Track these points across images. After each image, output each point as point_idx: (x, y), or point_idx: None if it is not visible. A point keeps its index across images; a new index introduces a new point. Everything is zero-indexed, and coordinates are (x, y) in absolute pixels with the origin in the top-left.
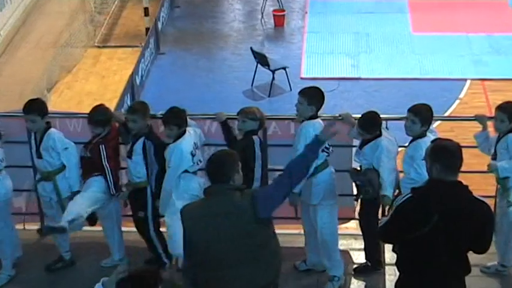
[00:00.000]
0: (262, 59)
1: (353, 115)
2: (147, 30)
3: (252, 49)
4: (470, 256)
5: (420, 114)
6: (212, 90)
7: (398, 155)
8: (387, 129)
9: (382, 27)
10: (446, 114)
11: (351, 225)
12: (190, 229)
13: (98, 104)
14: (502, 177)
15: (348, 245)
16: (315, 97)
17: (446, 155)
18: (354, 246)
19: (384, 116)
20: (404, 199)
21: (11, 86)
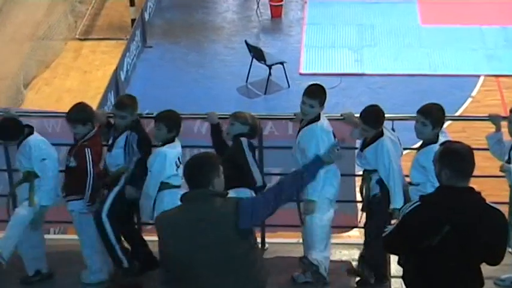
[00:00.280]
0: (257, 53)
1: (356, 114)
2: (133, 21)
3: (246, 42)
4: (483, 268)
5: (431, 115)
6: (203, 87)
7: (406, 158)
8: (393, 131)
9: (388, 19)
10: (458, 113)
11: (353, 233)
12: (168, 238)
13: (78, 102)
14: None
15: (351, 255)
16: (324, 97)
17: (457, 159)
18: (356, 257)
19: (390, 116)
20: (412, 207)
21: None
